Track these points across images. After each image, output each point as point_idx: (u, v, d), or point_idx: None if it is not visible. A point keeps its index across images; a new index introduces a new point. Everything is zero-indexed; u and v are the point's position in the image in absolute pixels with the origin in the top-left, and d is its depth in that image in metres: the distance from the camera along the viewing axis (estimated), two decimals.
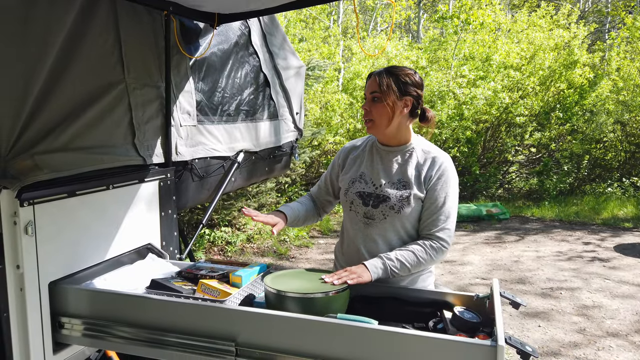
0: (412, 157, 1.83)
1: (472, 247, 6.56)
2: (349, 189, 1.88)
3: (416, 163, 1.82)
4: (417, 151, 1.84)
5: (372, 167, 1.88)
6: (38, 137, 1.74)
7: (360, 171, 1.89)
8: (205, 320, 1.55)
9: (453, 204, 1.79)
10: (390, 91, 1.76)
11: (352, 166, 1.94)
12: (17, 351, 1.66)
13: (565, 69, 10.39)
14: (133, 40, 2.21)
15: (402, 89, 1.78)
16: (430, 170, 1.79)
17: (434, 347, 1.32)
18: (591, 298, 4.61)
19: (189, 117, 2.61)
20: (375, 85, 1.78)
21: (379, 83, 1.77)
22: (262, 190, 6.87)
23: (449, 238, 1.77)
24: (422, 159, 1.82)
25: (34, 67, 1.73)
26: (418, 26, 16.48)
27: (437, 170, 1.79)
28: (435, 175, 1.78)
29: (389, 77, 1.77)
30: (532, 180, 10.67)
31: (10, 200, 1.58)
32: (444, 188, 1.78)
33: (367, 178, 1.86)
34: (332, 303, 1.57)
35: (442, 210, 1.76)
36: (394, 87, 1.77)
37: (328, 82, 10.65)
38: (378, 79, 1.78)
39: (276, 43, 3.48)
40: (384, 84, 1.77)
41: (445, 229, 1.76)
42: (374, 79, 1.80)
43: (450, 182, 1.79)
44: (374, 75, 1.81)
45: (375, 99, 1.79)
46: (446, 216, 1.76)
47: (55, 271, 1.76)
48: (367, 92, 1.83)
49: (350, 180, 1.89)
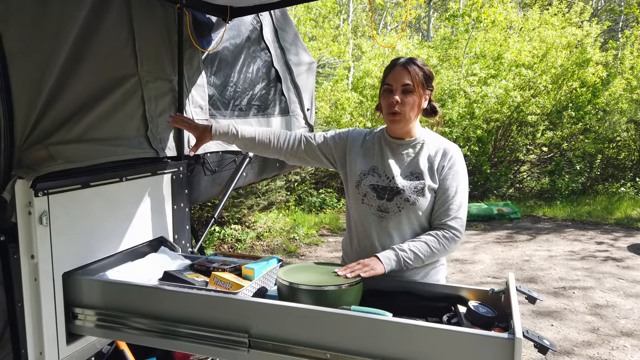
0: (424, 149, 1.82)
1: (482, 246, 6.51)
2: (360, 181, 1.84)
3: (428, 155, 1.81)
4: (428, 143, 1.83)
5: (382, 160, 1.85)
6: (52, 128, 1.75)
7: (372, 165, 1.86)
8: (218, 311, 1.55)
9: (464, 194, 1.79)
10: (421, 84, 1.73)
11: (362, 157, 1.88)
12: (31, 341, 1.66)
13: (577, 68, 10.26)
14: (146, 34, 2.21)
15: (427, 83, 1.76)
16: (443, 160, 1.79)
17: (450, 340, 1.31)
18: (604, 297, 4.55)
19: (201, 110, 2.62)
20: (407, 76, 1.72)
21: (412, 75, 1.72)
22: (272, 189, 6.87)
23: (461, 227, 1.76)
24: (433, 150, 1.81)
25: (49, 60, 1.74)
26: (428, 25, 16.40)
27: (449, 160, 1.78)
28: (447, 166, 1.78)
29: (418, 69, 1.73)
30: (543, 180, 10.57)
31: (25, 190, 1.59)
32: (456, 178, 1.77)
33: (380, 171, 1.83)
34: (345, 296, 1.55)
35: (454, 200, 1.75)
36: (422, 80, 1.74)
37: (338, 81, 10.64)
38: (410, 70, 1.72)
39: (288, 39, 3.47)
40: (417, 75, 1.72)
41: (458, 217, 1.75)
42: (404, 69, 1.73)
43: (461, 172, 1.79)
44: (403, 66, 1.74)
45: (406, 91, 1.73)
46: (458, 205, 1.76)
47: (69, 262, 1.76)
48: (394, 82, 1.74)
49: (362, 172, 1.86)
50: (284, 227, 7.29)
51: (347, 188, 1.92)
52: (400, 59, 1.77)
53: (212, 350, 1.57)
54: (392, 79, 1.75)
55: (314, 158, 1.95)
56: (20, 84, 1.62)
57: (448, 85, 10.09)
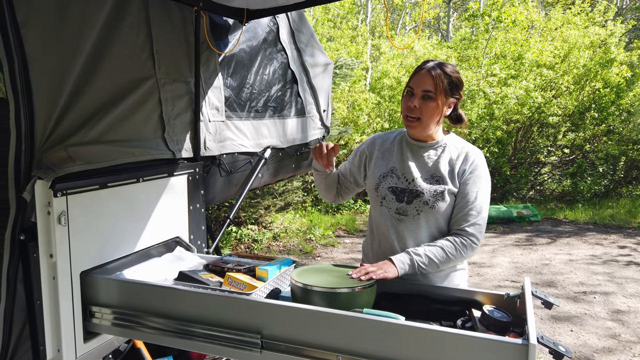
0: (445, 153, 1.79)
1: (501, 249, 6.42)
2: (380, 183, 1.83)
3: (449, 158, 1.78)
4: (450, 147, 1.80)
5: (402, 161, 1.83)
6: (71, 129, 1.79)
7: (391, 166, 1.84)
8: (231, 312, 1.56)
9: (485, 200, 1.74)
10: (444, 92, 1.70)
11: (381, 159, 1.88)
12: (49, 338, 1.70)
13: (601, 68, 10.05)
14: (164, 36, 2.24)
15: (452, 90, 1.73)
16: (464, 164, 1.75)
17: (462, 345, 1.29)
18: (626, 303, 4.44)
19: (218, 112, 2.64)
20: (430, 83, 1.68)
21: (436, 82, 1.68)
22: (289, 189, 6.89)
23: (480, 234, 1.72)
24: (455, 154, 1.78)
25: (68, 63, 1.77)
26: (448, 25, 16.26)
27: (471, 165, 1.75)
28: (468, 170, 1.74)
29: (445, 76, 1.70)
30: (565, 182, 10.38)
31: (44, 190, 1.62)
32: (477, 183, 1.73)
33: (399, 173, 1.81)
34: (358, 298, 1.55)
35: (474, 205, 1.71)
36: (447, 87, 1.70)
37: (356, 82, 10.61)
38: (434, 76, 1.68)
39: (304, 40, 3.48)
40: (441, 84, 1.69)
41: (477, 224, 1.71)
42: (429, 75, 1.69)
43: (482, 178, 1.75)
44: (429, 71, 1.70)
45: (426, 97, 1.70)
46: (477, 211, 1.71)
47: (86, 261, 1.79)
48: (416, 87, 1.71)
49: (381, 174, 1.85)
50: (300, 227, 7.30)
51: (369, 191, 1.92)
52: (430, 63, 1.73)
53: (225, 350, 1.58)
54: (415, 82, 1.73)
55: (353, 187, 2.02)
56: (41, 86, 1.66)
57: (467, 86, 9.98)
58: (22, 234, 1.62)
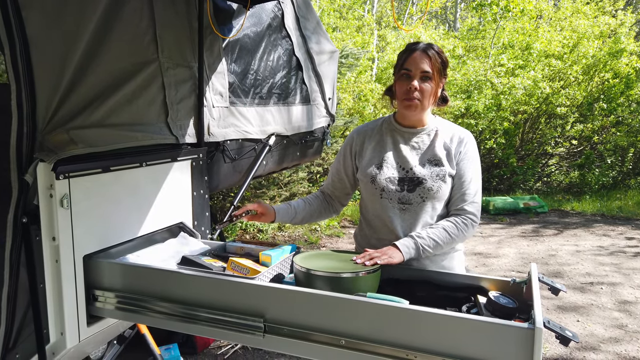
0: (438, 136, 1.79)
1: (507, 240, 6.38)
2: (375, 176, 1.79)
3: (443, 142, 1.78)
4: (441, 130, 1.80)
5: (396, 150, 1.80)
6: (73, 112, 1.77)
7: (384, 156, 1.81)
8: (234, 296, 1.55)
9: (479, 179, 1.78)
10: (439, 71, 1.70)
11: (372, 151, 1.84)
12: (52, 321, 1.70)
13: (610, 58, 9.91)
14: (167, 20, 2.22)
15: (444, 70, 1.73)
16: (459, 146, 1.77)
17: (467, 329, 1.27)
18: (634, 294, 4.40)
19: (222, 98, 2.62)
20: (427, 63, 1.67)
21: (432, 61, 1.68)
22: (294, 180, 6.87)
23: (478, 212, 1.75)
24: (448, 137, 1.79)
25: (71, 46, 1.75)
26: (455, 15, 16.10)
27: (465, 146, 1.77)
28: (463, 151, 1.77)
29: (438, 56, 1.70)
30: (572, 174, 10.28)
31: (46, 173, 1.61)
32: (471, 164, 1.76)
33: (394, 162, 1.79)
34: (361, 283, 1.53)
35: (471, 185, 1.74)
36: (441, 67, 1.71)
37: (362, 72, 10.54)
38: (431, 56, 1.68)
39: (309, 27, 3.44)
40: (437, 62, 1.69)
41: (474, 202, 1.74)
42: (425, 55, 1.68)
43: (475, 159, 1.79)
44: (423, 51, 1.69)
45: (425, 78, 1.69)
46: (474, 191, 1.75)
47: (89, 245, 1.79)
48: (414, 68, 1.68)
49: (375, 166, 1.81)
50: None
51: (363, 185, 1.86)
52: (419, 44, 1.72)
53: (228, 334, 1.57)
54: (411, 64, 1.70)
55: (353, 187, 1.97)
56: (43, 68, 1.64)
57: (474, 76, 9.88)
58: (24, 217, 1.61)
